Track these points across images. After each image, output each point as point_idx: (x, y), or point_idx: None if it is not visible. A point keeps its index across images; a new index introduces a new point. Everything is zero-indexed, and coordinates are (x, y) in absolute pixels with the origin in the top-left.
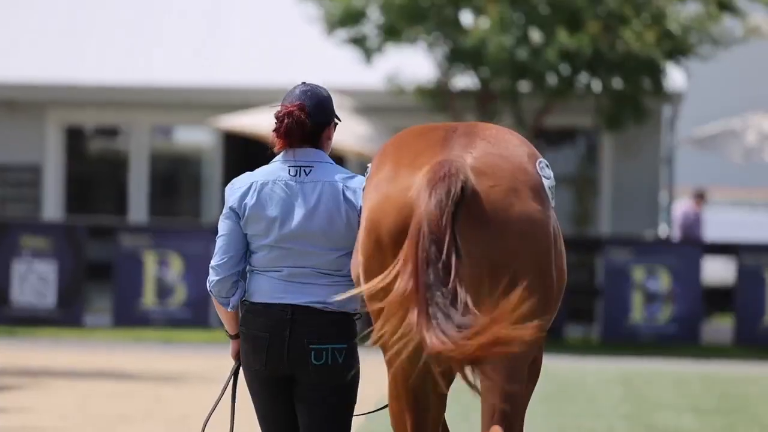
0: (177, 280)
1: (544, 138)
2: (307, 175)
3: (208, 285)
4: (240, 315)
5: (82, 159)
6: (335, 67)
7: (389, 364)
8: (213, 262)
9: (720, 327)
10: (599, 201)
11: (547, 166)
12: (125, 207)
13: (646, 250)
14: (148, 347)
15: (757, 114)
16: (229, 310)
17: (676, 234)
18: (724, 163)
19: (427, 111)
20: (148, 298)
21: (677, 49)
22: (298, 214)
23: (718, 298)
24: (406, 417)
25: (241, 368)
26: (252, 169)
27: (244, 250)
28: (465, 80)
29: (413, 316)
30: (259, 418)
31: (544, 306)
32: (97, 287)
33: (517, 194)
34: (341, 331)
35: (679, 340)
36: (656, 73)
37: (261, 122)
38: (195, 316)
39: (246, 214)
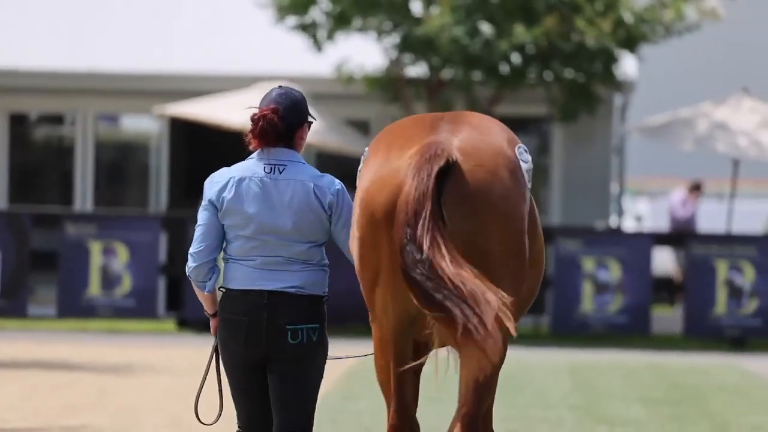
0: (123, 270)
1: None
2: (280, 173)
3: (186, 270)
4: (219, 301)
5: (27, 146)
6: (284, 54)
7: (376, 321)
8: (191, 250)
9: (670, 317)
10: (550, 191)
11: (525, 150)
12: (70, 195)
13: (597, 241)
14: (93, 338)
15: (708, 103)
16: (205, 293)
17: (668, 225)
18: (675, 152)
19: (378, 100)
20: (94, 287)
21: (631, 38)
22: (273, 209)
23: (668, 289)
24: (390, 367)
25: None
26: (199, 158)
27: (220, 240)
28: (415, 69)
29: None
30: (233, 393)
31: (513, 287)
32: (42, 277)
33: (497, 175)
34: (314, 312)
35: (629, 330)
36: (609, 62)
37: (208, 110)
38: (141, 306)
39: (224, 207)
